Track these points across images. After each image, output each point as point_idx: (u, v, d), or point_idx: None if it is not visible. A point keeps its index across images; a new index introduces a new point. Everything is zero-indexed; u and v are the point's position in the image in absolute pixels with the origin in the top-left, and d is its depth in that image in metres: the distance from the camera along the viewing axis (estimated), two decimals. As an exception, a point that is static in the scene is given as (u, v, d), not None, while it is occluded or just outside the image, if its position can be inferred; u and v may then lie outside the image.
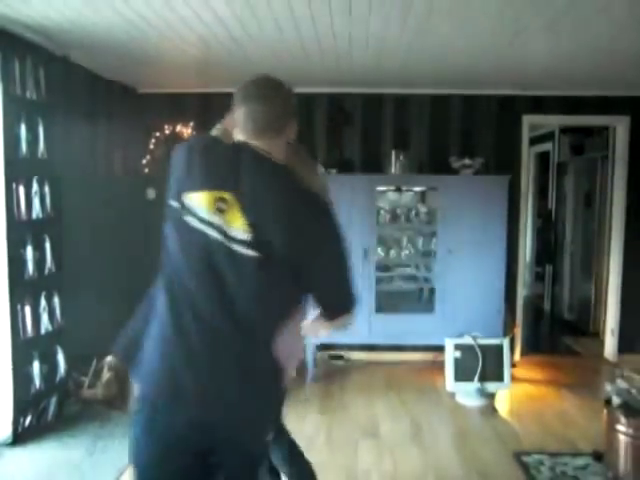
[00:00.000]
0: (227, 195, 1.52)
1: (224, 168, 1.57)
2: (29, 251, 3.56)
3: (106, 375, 3.98)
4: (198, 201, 1.54)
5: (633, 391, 3.13)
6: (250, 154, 1.59)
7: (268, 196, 1.53)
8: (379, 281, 5.22)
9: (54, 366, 3.79)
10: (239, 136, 1.66)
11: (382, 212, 5.37)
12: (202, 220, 1.53)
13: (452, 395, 4.47)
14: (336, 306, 1.70)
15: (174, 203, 1.58)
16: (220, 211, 1.52)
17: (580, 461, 3.38)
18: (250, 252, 1.50)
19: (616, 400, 3.13)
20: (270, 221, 1.51)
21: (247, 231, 1.50)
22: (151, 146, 5.25)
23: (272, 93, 1.64)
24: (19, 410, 3.51)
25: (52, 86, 3.78)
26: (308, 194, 1.59)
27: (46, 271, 3.70)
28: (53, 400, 3.79)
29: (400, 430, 3.87)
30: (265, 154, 1.60)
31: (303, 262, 1.55)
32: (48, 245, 3.71)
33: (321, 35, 3.57)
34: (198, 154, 1.61)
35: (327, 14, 3.16)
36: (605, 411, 3.23)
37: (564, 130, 7.17)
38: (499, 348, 4.44)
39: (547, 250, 7.71)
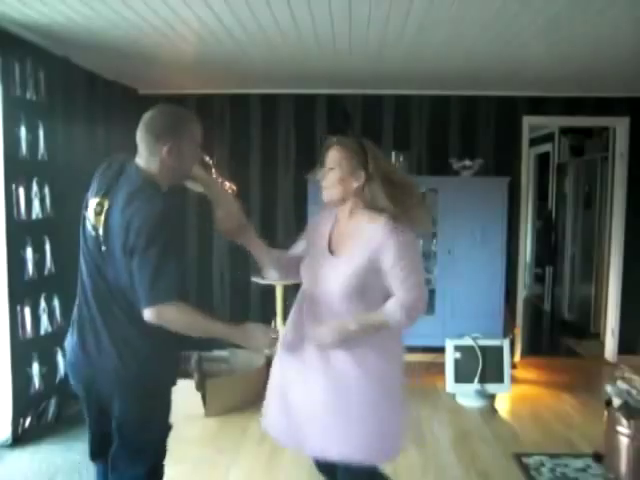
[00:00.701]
0: (104, 201, 1.91)
1: (109, 180, 1.96)
2: (29, 252, 3.55)
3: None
4: (90, 205, 1.96)
5: (633, 392, 3.12)
6: (129, 169, 1.96)
7: (120, 200, 1.86)
8: (379, 282, 5.21)
9: (54, 367, 3.78)
10: None
11: (382, 213, 5.35)
12: (89, 220, 1.95)
13: (452, 396, 4.47)
14: (142, 299, 1.81)
15: (83, 208, 2.00)
16: (97, 213, 1.91)
17: (580, 462, 3.37)
18: (103, 246, 1.89)
19: (616, 401, 3.13)
20: (114, 219, 1.85)
21: (104, 229, 1.88)
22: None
23: (145, 120, 1.99)
24: (18, 411, 3.51)
25: (52, 87, 3.78)
26: (153, 199, 1.86)
27: (46, 272, 3.70)
28: (53, 401, 3.78)
29: (400, 431, 3.86)
30: (140, 169, 1.94)
31: (127, 256, 1.81)
32: (48, 246, 3.70)
33: (321, 35, 3.57)
34: (101, 170, 2.04)
35: (327, 13, 3.16)
36: (605, 412, 3.22)
37: (564, 131, 7.17)
38: (499, 349, 4.44)
39: (547, 251, 7.71)
